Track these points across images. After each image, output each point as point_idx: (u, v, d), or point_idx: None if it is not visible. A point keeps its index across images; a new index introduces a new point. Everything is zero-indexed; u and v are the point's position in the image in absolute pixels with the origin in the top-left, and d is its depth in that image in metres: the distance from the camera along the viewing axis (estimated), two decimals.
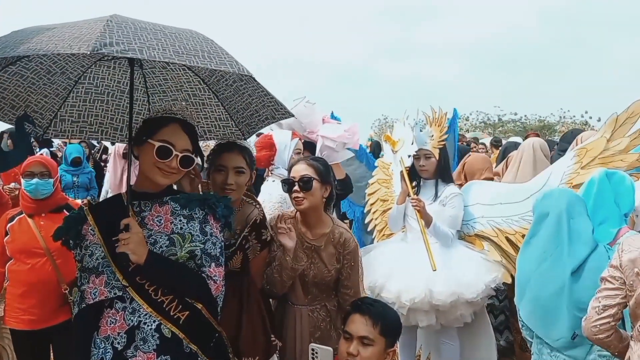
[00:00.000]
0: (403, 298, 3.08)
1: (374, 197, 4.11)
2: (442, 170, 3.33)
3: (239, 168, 2.22)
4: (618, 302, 1.80)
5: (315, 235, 2.41)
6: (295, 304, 2.44)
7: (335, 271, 2.39)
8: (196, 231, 1.77)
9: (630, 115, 2.94)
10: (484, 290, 3.06)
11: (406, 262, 3.21)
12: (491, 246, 3.23)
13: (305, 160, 2.44)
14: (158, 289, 1.71)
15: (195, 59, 1.52)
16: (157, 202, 1.78)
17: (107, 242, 1.71)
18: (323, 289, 2.43)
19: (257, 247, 2.29)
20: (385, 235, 3.83)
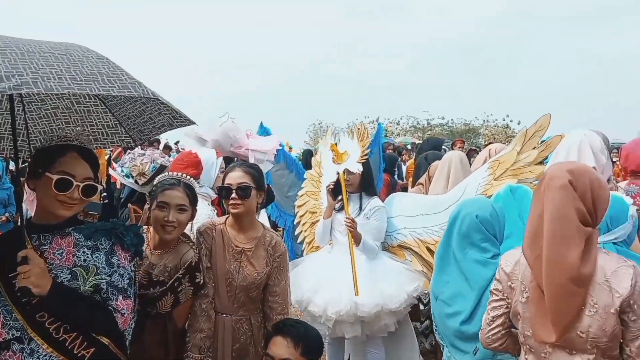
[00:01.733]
0: (329, 311, 3.13)
1: (303, 209, 4.12)
2: (365, 184, 3.41)
3: (181, 206, 2.23)
4: (503, 312, 1.90)
5: (246, 238, 2.42)
6: (221, 312, 2.41)
7: (264, 275, 2.39)
8: (102, 263, 1.69)
9: (539, 128, 3.13)
10: (406, 300, 3.16)
11: (332, 275, 3.26)
12: (413, 256, 3.34)
13: (241, 167, 2.45)
14: (60, 326, 1.62)
15: (96, 85, 1.43)
16: (59, 234, 1.69)
17: (3, 279, 1.61)
18: (251, 297, 2.41)
19: (189, 290, 2.26)
20: (313, 247, 3.85)
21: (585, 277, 1.67)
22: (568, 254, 1.68)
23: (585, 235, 1.69)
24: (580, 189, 1.70)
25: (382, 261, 3.30)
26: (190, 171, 3.15)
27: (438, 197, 3.44)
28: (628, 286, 1.64)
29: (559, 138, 3.14)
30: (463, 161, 3.88)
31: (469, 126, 23.19)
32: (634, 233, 2.27)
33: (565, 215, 1.70)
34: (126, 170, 3.85)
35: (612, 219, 2.14)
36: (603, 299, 1.66)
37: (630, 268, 1.68)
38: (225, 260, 2.40)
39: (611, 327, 1.66)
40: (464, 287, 2.34)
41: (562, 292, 1.69)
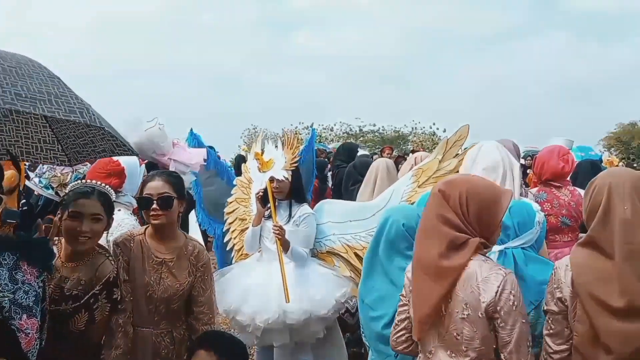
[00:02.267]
0: (257, 320, 3.10)
1: (232, 215, 4.06)
2: (295, 191, 3.42)
3: (96, 215, 2.09)
4: (407, 316, 1.98)
5: (167, 249, 2.34)
6: (140, 326, 2.30)
7: (187, 285, 2.31)
8: (4, 279, 1.58)
9: (458, 138, 3.29)
10: (335, 306, 3.19)
11: (260, 283, 3.24)
12: (341, 262, 3.39)
13: (161, 177, 2.36)
14: None
15: (42, 105, 1.36)
16: None
17: None
18: (173, 310, 2.33)
19: (106, 307, 2.13)
20: (243, 255, 3.80)
21: (441, 272, 1.77)
22: (429, 250, 1.82)
23: (448, 238, 1.79)
24: (452, 199, 1.80)
25: (311, 268, 3.31)
26: (112, 180, 3.00)
27: (366, 204, 3.52)
28: (493, 293, 1.72)
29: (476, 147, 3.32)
30: (389, 168, 3.99)
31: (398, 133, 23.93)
32: (541, 238, 2.41)
33: (429, 218, 1.86)
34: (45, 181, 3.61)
35: (520, 225, 2.27)
36: (473, 303, 1.74)
37: (500, 275, 1.75)
38: (144, 272, 2.30)
39: (481, 331, 1.74)
40: (388, 292, 2.39)
41: (420, 285, 1.83)
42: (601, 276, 1.75)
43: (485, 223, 1.81)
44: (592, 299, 1.75)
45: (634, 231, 1.71)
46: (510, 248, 2.25)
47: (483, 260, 1.81)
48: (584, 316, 1.77)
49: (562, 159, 3.38)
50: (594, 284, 1.75)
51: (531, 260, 2.26)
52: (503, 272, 1.77)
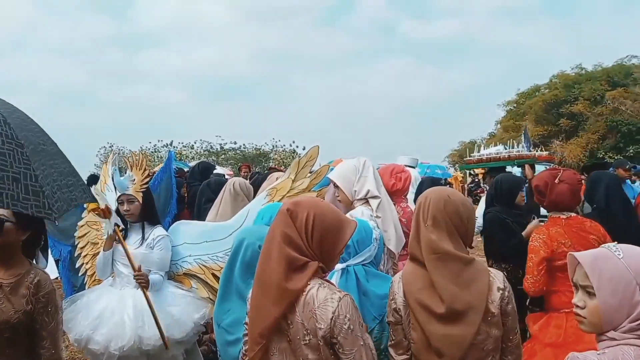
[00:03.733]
0: (112, 347, 3.00)
1: (84, 240, 3.85)
2: (147, 213, 3.37)
3: None
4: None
5: (7, 275, 2.17)
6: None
7: (23, 314, 2.13)
8: None
9: (309, 158, 3.54)
10: (193, 328, 3.20)
11: (114, 309, 3.13)
12: (199, 283, 3.41)
13: None
14: None
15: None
16: None
17: None
18: (7, 340, 2.13)
19: None
20: (96, 280, 3.63)
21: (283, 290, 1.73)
22: (270, 269, 1.78)
23: (288, 259, 1.76)
24: (299, 220, 1.78)
25: (168, 290, 3.29)
26: None
27: (221, 224, 3.57)
28: (329, 319, 1.69)
29: (326, 167, 3.60)
30: (237, 189, 4.02)
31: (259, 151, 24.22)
32: (379, 254, 2.62)
33: (274, 235, 1.82)
34: None
35: (359, 242, 2.39)
36: (312, 328, 1.71)
37: (335, 301, 1.71)
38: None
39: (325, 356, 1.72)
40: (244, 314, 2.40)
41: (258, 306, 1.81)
42: (424, 285, 1.92)
43: (326, 250, 1.80)
44: (420, 306, 1.91)
45: (437, 244, 1.92)
46: (351, 265, 2.38)
47: (320, 284, 1.78)
48: (416, 323, 1.92)
49: (395, 176, 3.70)
50: (420, 292, 1.92)
51: (372, 275, 2.41)
52: (338, 296, 1.74)
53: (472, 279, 1.91)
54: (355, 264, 2.40)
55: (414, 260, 2.01)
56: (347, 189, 3.14)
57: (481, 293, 1.88)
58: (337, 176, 3.20)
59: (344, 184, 3.14)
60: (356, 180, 3.15)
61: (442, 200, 1.96)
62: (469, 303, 1.87)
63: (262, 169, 19.75)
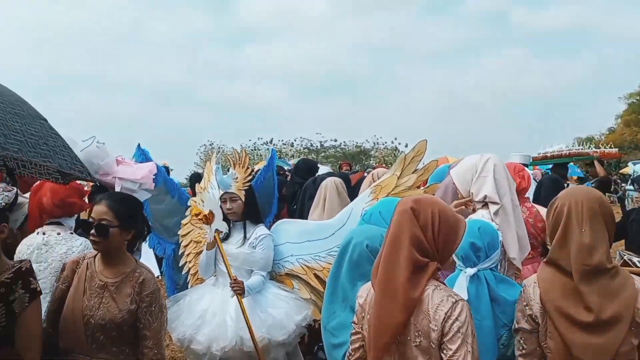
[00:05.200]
0: (213, 348, 2.95)
1: (187, 238, 3.89)
2: (249, 212, 3.30)
3: None
4: (360, 344, 1.90)
5: (112, 273, 2.19)
6: (77, 352, 2.11)
7: (128, 313, 2.13)
8: None
9: (417, 154, 3.26)
10: (295, 330, 3.07)
11: (216, 309, 3.09)
12: (300, 284, 3.27)
13: (107, 201, 2.19)
14: None
15: None
16: None
17: None
18: (113, 338, 2.13)
19: (24, 297, 1.93)
20: (198, 279, 3.64)
21: (407, 300, 1.69)
22: (395, 277, 1.71)
23: (415, 262, 1.71)
24: (423, 218, 1.73)
25: (269, 291, 3.19)
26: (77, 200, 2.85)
27: (324, 223, 3.43)
28: (441, 320, 1.67)
29: (435, 163, 3.29)
30: (338, 187, 3.92)
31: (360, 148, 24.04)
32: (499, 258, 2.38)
33: (399, 238, 1.74)
34: None
35: (489, 245, 2.22)
36: (425, 330, 1.69)
37: (450, 303, 1.69)
38: (85, 294, 2.15)
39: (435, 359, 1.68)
40: (349, 319, 2.27)
41: (383, 312, 1.73)
42: (566, 293, 1.80)
43: (448, 249, 1.77)
44: (561, 314, 1.79)
45: (590, 253, 1.77)
46: (481, 270, 2.20)
47: (436, 286, 1.75)
48: (555, 332, 1.80)
49: (518, 175, 3.38)
50: (561, 300, 1.80)
51: (499, 280, 2.24)
52: (454, 299, 1.72)
53: (620, 289, 1.81)
54: (484, 269, 2.21)
55: (553, 265, 1.88)
56: (462, 189, 2.85)
57: (629, 302, 1.79)
58: (455, 173, 2.94)
59: (459, 182, 2.89)
60: (473, 180, 2.83)
61: (596, 202, 1.84)
62: (617, 313, 1.77)
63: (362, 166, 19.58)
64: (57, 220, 2.80)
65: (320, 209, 3.67)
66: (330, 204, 3.67)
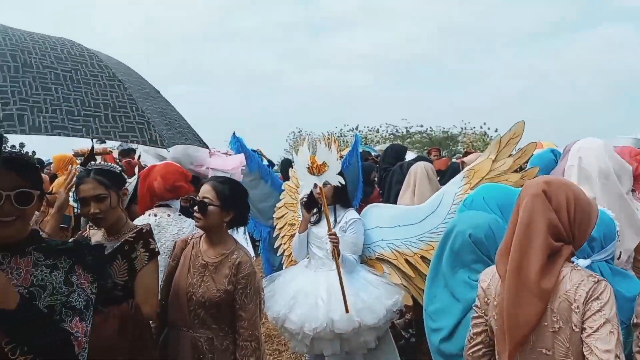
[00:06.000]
0: (306, 328, 3.05)
1: (281, 221, 4.05)
2: (340, 195, 3.34)
3: (98, 196, 2.15)
4: (483, 329, 1.83)
5: (213, 254, 2.35)
6: (181, 326, 2.30)
7: (225, 293, 2.26)
8: (59, 282, 1.59)
9: (513, 136, 3.11)
10: (386, 315, 3.08)
11: (308, 290, 3.18)
12: (391, 269, 3.27)
13: (211, 182, 2.37)
14: (17, 347, 1.51)
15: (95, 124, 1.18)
16: (18, 254, 1.59)
17: None
18: (213, 315, 2.28)
19: (144, 256, 2.14)
20: (293, 260, 3.77)
21: (544, 291, 1.61)
22: (528, 265, 1.62)
23: (550, 248, 1.62)
24: (555, 201, 1.64)
25: (360, 275, 3.22)
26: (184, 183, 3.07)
27: (415, 208, 3.39)
28: (582, 301, 1.58)
29: (533, 145, 3.13)
30: (429, 172, 3.84)
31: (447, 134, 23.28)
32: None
33: (532, 224, 1.64)
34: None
35: (605, 236, 2.09)
36: (564, 314, 1.60)
37: (590, 283, 1.60)
38: (189, 271, 2.32)
39: (575, 346, 1.58)
40: (449, 304, 2.25)
41: (518, 302, 1.63)
42: None
43: (582, 232, 1.68)
44: None
45: None
46: (596, 262, 2.08)
47: (572, 267, 1.67)
48: None
49: (635, 159, 3.08)
50: None
51: (616, 273, 2.09)
52: (595, 278, 1.61)
53: None
54: (599, 260, 2.08)
55: None
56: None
57: None
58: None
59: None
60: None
61: None
62: None
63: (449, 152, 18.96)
64: (165, 203, 3.02)
65: (410, 194, 3.63)
66: (420, 189, 3.61)
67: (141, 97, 1.41)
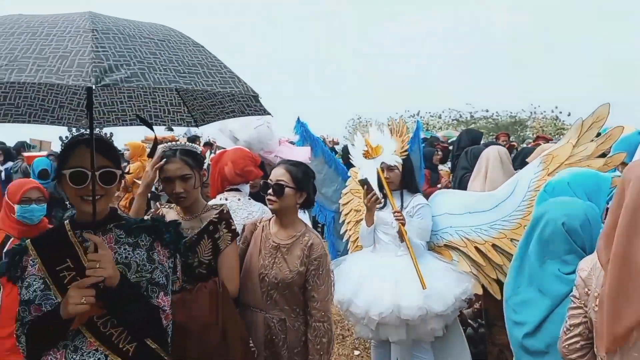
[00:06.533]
0: (371, 313, 3.02)
1: (347, 207, 4.04)
2: (407, 180, 3.27)
3: (184, 176, 2.21)
4: (581, 320, 1.73)
5: (285, 236, 2.39)
6: (254, 307, 2.35)
7: (297, 275, 2.30)
8: (142, 260, 1.68)
9: (596, 119, 2.92)
10: (454, 303, 3.00)
11: (374, 275, 3.15)
12: (460, 256, 3.18)
13: (284, 165, 2.41)
14: (108, 320, 1.61)
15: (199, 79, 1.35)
16: (100, 231, 1.68)
17: (52, 274, 1.62)
18: (285, 296, 2.32)
19: (227, 236, 2.23)
20: (359, 246, 3.76)
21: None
22: (636, 252, 1.46)
23: None
24: None
25: (427, 261, 3.13)
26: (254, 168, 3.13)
27: (487, 194, 3.27)
28: None
29: (620, 129, 2.91)
30: (502, 157, 3.67)
31: (515, 119, 22.28)
32: None
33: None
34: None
35: None
36: None
37: None
38: (260, 253, 2.37)
39: None
40: (534, 297, 2.12)
41: (622, 294, 1.49)
42: None
43: None
44: None
45: None
46: None
47: None
48: None
49: None
50: None
51: None
52: None
53: None
54: None
55: None
56: None
57: None
58: None
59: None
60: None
61: None
62: None
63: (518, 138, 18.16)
64: (235, 187, 3.09)
65: (482, 180, 3.49)
66: (493, 174, 3.47)
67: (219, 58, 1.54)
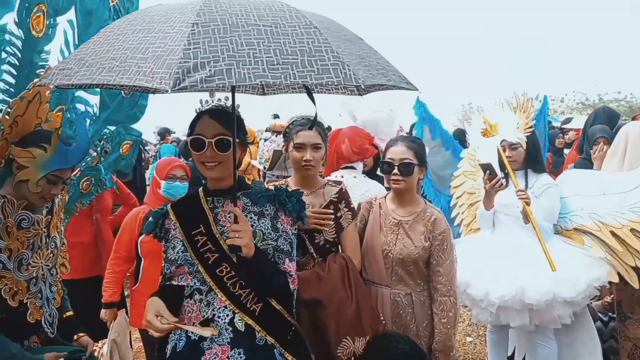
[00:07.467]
0: (492, 296, 2.89)
1: (459, 189, 3.91)
2: (531, 159, 3.09)
3: (316, 145, 2.26)
4: None
5: (404, 212, 2.38)
6: (378, 283, 2.37)
7: (422, 250, 2.30)
8: (267, 228, 1.77)
9: None
10: (585, 290, 2.77)
11: (495, 257, 3.01)
12: (593, 241, 2.92)
13: (404, 142, 2.40)
14: (237, 282, 1.73)
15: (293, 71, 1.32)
16: (229, 198, 1.79)
17: (188, 237, 1.77)
18: (410, 272, 2.33)
19: (348, 215, 2.29)
20: (472, 229, 3.63)
21: None
22: None
23: None
24: None
25: (555, 245, 2.92)
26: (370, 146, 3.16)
27: (624, 174, 2.98)
28: None
29: None
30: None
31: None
32: None
33: None
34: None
35: None
36: None
37: None
38: (381, 231, 2.37)
39: None
40: None
41: None
42: None
43: None
44: None
45: None
46: None
47: None
48: None
49: None
50: None
51: None
52: None
53: None
54: None
55: None
56: None
57: None
58: None
59: None
60: None
61: None
62: None
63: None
64: (351, 165, 3.13)
65: (620, 159, 3.17)
66: (634, 152, 3.13)
67: (338, 41, 1.49)
